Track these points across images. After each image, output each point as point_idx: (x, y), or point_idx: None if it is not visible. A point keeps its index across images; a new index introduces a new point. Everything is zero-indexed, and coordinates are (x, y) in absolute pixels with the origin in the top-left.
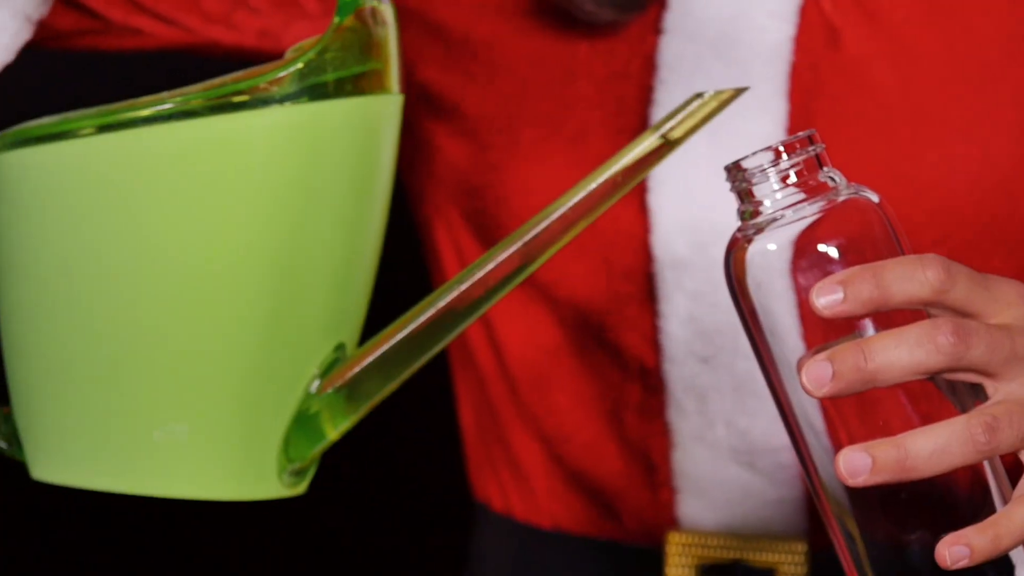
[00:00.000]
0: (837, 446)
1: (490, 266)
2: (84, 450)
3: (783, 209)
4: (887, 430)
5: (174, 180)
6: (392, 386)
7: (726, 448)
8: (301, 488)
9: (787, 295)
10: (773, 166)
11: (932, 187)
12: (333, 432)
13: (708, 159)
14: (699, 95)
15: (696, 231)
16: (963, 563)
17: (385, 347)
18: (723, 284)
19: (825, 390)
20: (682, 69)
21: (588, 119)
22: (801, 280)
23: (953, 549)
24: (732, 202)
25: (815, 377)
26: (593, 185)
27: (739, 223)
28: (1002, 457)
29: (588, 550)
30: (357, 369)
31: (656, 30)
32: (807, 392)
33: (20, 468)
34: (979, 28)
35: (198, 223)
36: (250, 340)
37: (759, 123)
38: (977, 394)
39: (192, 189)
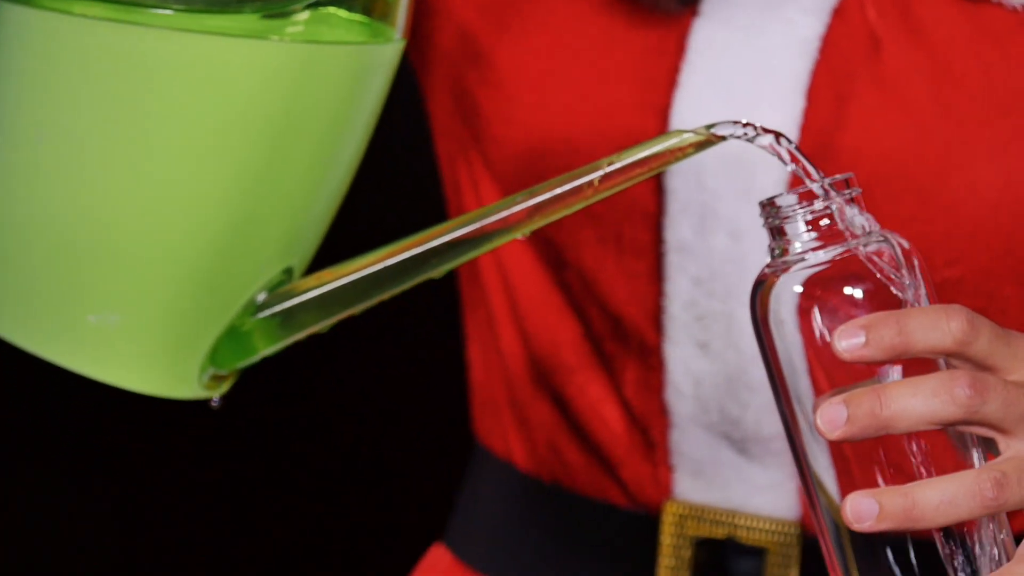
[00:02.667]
0: (847, 487)
1: (436, 241)
2: (21, 310)
3: (813, 250)
4: (898, 477)
5: (162, 85)
6: (328, 322)
7: (720, 433)
8: (218, 392)
9: (809, 335)
10: (807, 206)
11: (953, 208)
12: (263, 350)
13: (720, 147)
14: (680, 132)
15: (701, 217)
16: None
17: (326, 287)
18: (721, 274)
19: (838, 433)
20: (709, 54)
21: (617, 93)
22: (825, 322)
23: None
24: (736, 193)
25: (829, 419)
26: (548, 195)
27: (768, 259)
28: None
29: (585, 510)
30: (296, 301)
31: (694, 11)
32: (820, 434)
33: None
34: (1017, 56)
35: (174, 128)
36: (197, 249)
37: (773, 117)
38: (989, 448)
39: (177, 98)
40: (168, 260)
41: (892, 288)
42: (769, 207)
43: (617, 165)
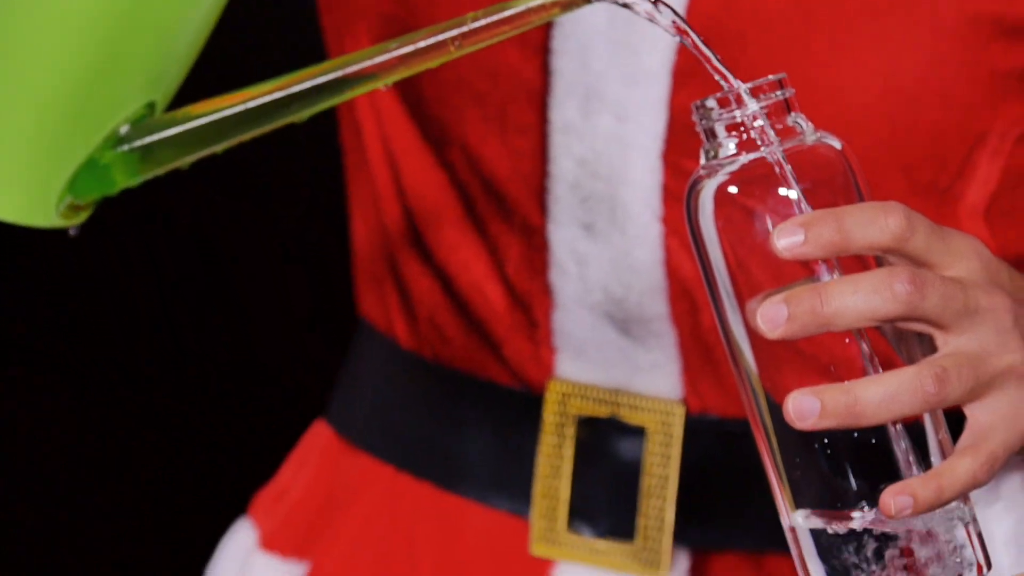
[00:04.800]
0: (772, 382)
1: (300, 85)
2: None
3: (745, 152)
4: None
5: None
6: (189, 159)
7: (603, 313)
8: (76, 222)
9: (740, 235)
10: (739, 108)
11: (837, 94)
12: (122, 184)
13: (606, 28)
14: None
15: (587, 98)
16: (906, 513)
17: (188, 124)
18: (606, 155)
19: (779, 331)
20: None
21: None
22: (756, 222)
23: (898, 499)
24: (622, 75)
25: (770, 318)
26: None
27: (703, 161)
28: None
29: (467, 387)
30: (157, 136)
31: None
32: (761, 332)
33: None
34: None
35: None
36: (57, 78)
37: None
38: (923, 345)
39: None
40: (27, 87)
41: (828, 186)
42: (701, 109)
43: (483, 22)
